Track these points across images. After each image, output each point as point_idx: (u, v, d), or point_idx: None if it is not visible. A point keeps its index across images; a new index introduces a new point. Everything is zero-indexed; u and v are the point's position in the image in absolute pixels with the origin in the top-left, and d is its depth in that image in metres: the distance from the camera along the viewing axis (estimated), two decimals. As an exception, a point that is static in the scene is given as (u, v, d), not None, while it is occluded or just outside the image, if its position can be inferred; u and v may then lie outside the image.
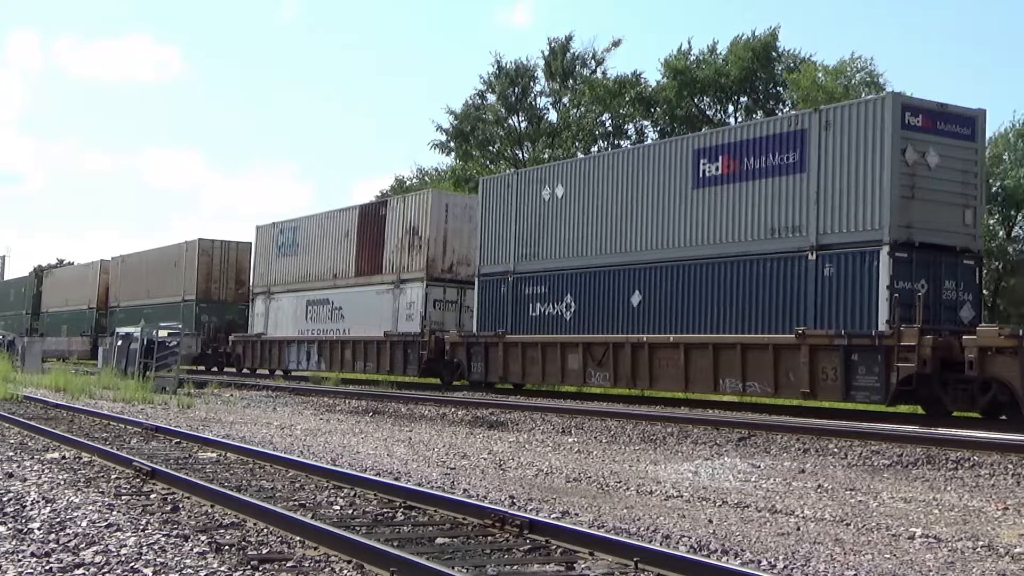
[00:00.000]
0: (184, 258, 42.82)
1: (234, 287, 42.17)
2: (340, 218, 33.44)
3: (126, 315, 46.09)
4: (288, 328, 35.17)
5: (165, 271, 44.36)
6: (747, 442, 13.98)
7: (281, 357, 35.11)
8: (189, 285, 41.95)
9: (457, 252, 29.02)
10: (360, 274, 31.47)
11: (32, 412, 18.20)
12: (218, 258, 42.20)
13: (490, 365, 25.47)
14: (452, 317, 28.59)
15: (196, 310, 41.20)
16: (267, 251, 37.62)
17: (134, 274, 48.00)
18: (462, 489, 9.34)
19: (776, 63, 46.58)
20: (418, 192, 32.29)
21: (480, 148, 53.14)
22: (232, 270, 42.36)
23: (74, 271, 57.88)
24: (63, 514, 7.45)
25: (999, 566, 6.56)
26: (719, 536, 7.31)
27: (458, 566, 5.92)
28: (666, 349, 20.76)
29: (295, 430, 16.01)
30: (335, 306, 32.38)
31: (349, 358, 31.16)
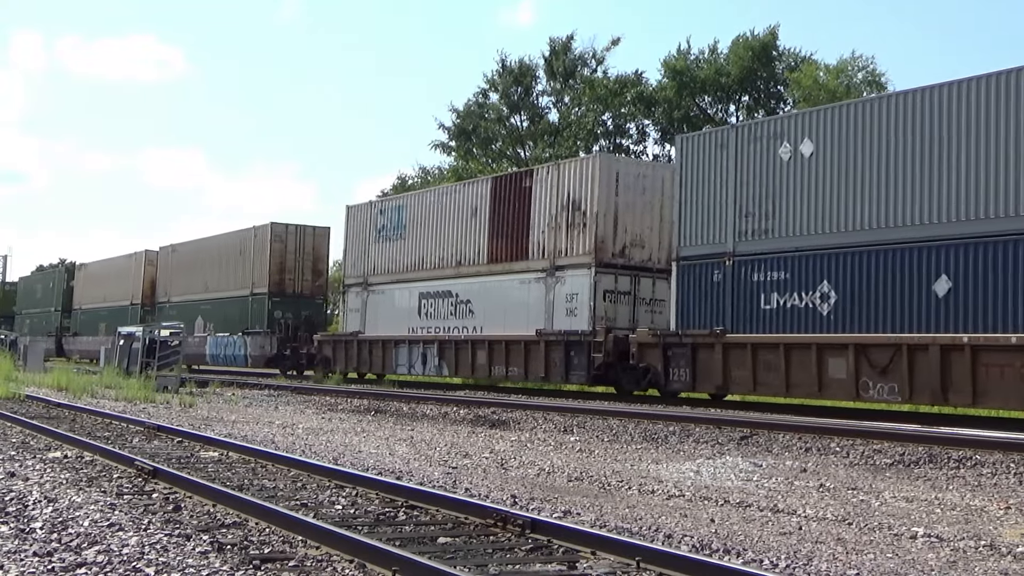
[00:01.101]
0: (253, 245, 37.68)
1: (311, 279, 37.43)
2: (464, 193, 28.09)
3: (178, 311, 41.90)
4: (394, 326, 29.84)
5: (228, 261, 39.38)
6: (749, 441, 13.98)
7: (386, 360, 29.82)
8: (259, 276, 36.92)
9: (630, 231, 23.75)
10: (495, 260, 26.35)
11: (34, 411, 18.22)
12: (293, 245, 37.14)
13: (701, 372, 20.10)
14: (624, 312, 23.47)
15: (268, 305, 36.23)
16: (362, 235, 32.04)
17: (188, 265, 42.94)
18: (464, 488, 9.34)
19: (776, 62, 46.58)
20: (580, 157, 26.68)
21: (482, 147, 53.15)
22: (309, 259, 37.36)
23: (113, 263, 52.05)
24: (65, 513, 7.46)
25: (1001, 565, 6.56)
26: (721, 535, 7.31)
27: (460, 566, 5.91)
28: (1001, 354, 15.63)
29: (297, 429, 16.01)
30: (461, 299, 27.35)
31: (483, 361, 26.00)
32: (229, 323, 38.41)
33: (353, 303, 32.08)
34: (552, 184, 24.81)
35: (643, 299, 23.78)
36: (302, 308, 36.62)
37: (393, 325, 29.89)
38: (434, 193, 29.87)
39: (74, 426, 15.42)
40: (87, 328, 52.77)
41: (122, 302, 48.67)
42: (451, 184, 29.45)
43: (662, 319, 22.94)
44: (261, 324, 36.01)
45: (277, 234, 36.98)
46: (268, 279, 36.49)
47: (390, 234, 30.83)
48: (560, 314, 24.04)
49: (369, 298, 31.33)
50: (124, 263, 49.90)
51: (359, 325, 31.46)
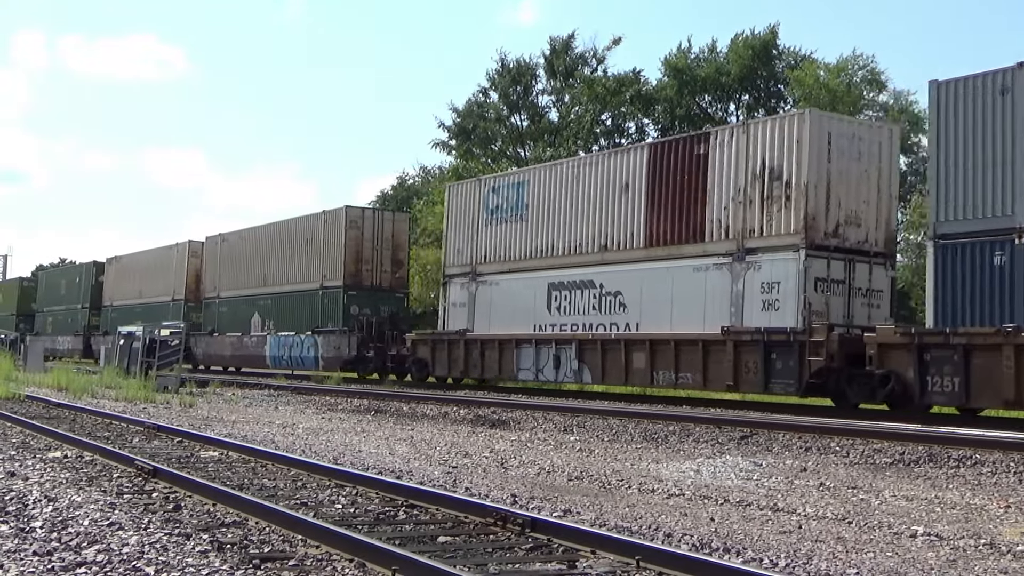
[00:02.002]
0: (324, 233, 33.59)
1: (391, 270, 33.31)
2: (610, 164, 23.57)
3: (230, 308, 38.88)
4: (513, 323, 25.40)
5: (292, 251, 35.44)
6: (749, 440, 13.98)
7: (503, 363, 25.44)
8: (332, 267, 32.88)
9: (844, 206, 19.54)
10: (656, 243, 22.03)
11: (34, 411, 18.21)
12: (370, 232, 32.93)
13: (978, 382, 15.64)
14: (837, 304, 19.23)
15: (344, 300, 32.20)
16: (469, 218, 27.75)
17: (241, 256, 39.00)
18: (464, 488, 9.34)
19: (777, 61, 46.59)
20: (781, 115, 21.42)
21: (481, 146, 53.17)
22: (388, 247, 33.21)
23: (150, 256, 47.72)
24: (65, 513, 7.46)
25: (1001, 564, 6.56)
26: (721, 534, 7.31)
27: (460, 565, 5.91)
28: None
29: (297, 429, 16.01)
30: (607, 291, 22.99)
31: (642, 366, 21.61)
32: (294, 321, 34.54)
33: (457, 296, 27.60)
34: (739, 149, 20.42)
35: (859, 289, 19.56)
36: (380, 303, 32.66)
37: (512, 322, 25.42)
38: (567, 166, 25.18)
39: (74, 426, 15.42)
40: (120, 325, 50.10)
41: (161, 298, 44.79)
42: (593, 155, 25.32)
43: (879, 314, 19.59)
44: (335, 321, 32.17)
45: (353, 219, 32.76)
46: (343, 270, 32.32)
47: (506, 215, 26.32)
48: (753, 308, 19.68)
49: (479, 290, 26.89)
50: (163, 255, 45.98)
51: (465, 322, 26.95)
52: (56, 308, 57.07)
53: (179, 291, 43.32)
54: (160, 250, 46.65)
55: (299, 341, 33.81)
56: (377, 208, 34.46)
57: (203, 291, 41.76)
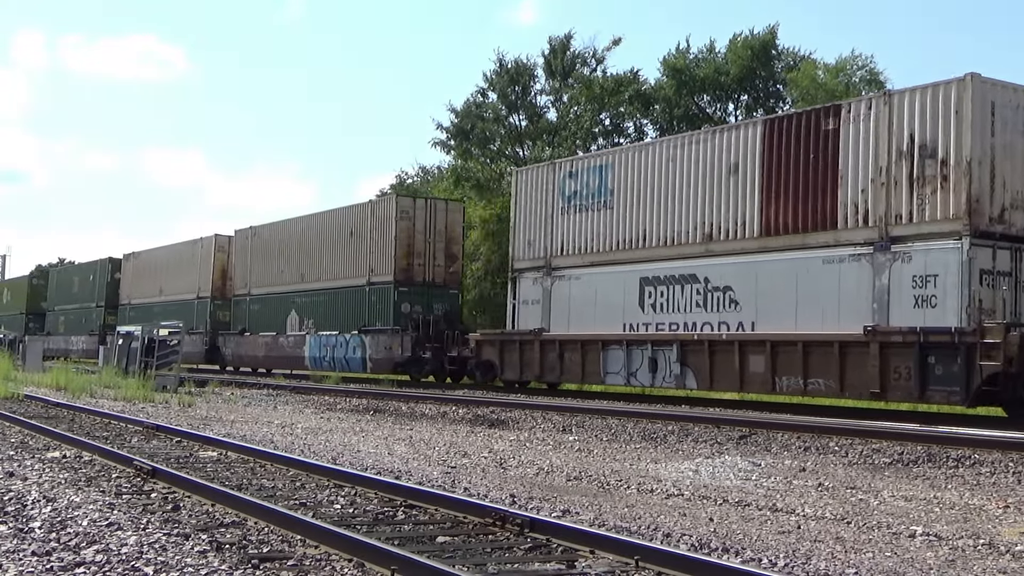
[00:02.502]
0: (371, 224, 31.03)
1: (444, 264, 30.58)
2: (715, 144, 20.86)
3: (263, 306, 36.58)
4: (598, 321, 22.96)
5: (335, 245, 32.85)
6: (748, 440, 13.98)
7: (587, 366, 23.04)
8: (381, 262, 30.38)
9: (1009, 187, 17.10)
10: (773, 231, 19.50)
11: (33, 411, 18.21)
12: (422, 223, 30.22)
13: None
14: (1004, 299, 16.86)
15: (394, 297, 29.67)
16: (541, 206, 25.13)
17: (275, 251, 36.51)
18: (463, 488, 9.34)
19: (776, 61, 46.59)
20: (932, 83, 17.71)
21: (480, 146, 53.15)
22: (441, 240, 30.55)
23: (171, 252, 44.92)
24: (64, 513, 7.45)
25: (1000, 564, 6.56)
26: (720, 534, 7.31)
27: (459, 565, 5.91)
28: None
29: (296, 429, 16.01)
30: (714, 286, 20.52)
31: (761, 370, 19.13)
32: (337, 319, 32.09)
33: (528, 293, 25.15)
34: (878, 123, 18.03)
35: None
36: (433, 300, 30.12)
37: (596, 320, 22.98)
38: (660, 147, 22.51)
39: (73, 426, 15.42)
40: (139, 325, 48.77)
41: (185, 295, 42.24)
42: (691, 133, 22.84)
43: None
44: (384, 320, 29.73)
45: (403, 209, 30.05)
46: (393, 265, 29.74)
47: (586, 202, 23.68)
48: (902, 305, 17.32)
49: (555, 286, 24.34)
50: (186, 251, 43.34)
51: (539, 320, 24.48)
52: (68, 307, 54.62)
53: (204, 288, 40.84)
54: (183, 245, 44.18)
55: (343, 341, 31.43)
56: (430, 197, 31.93)
57: (232, 288, 39.44)
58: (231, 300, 39.19)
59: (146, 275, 46.49)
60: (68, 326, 53.68)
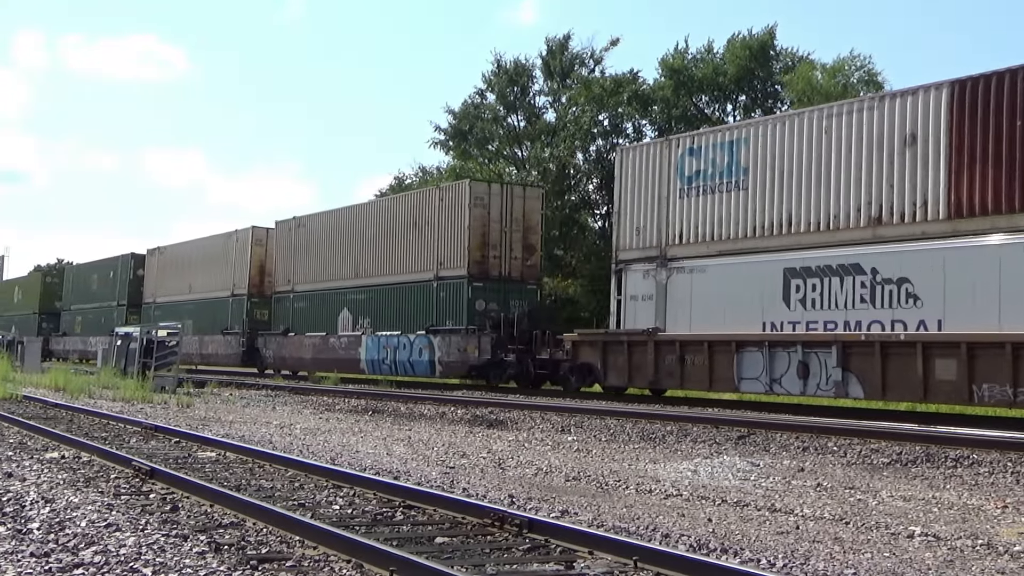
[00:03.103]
0: (440, 213, 28.15)
1: (521, 256, 27.58)
2: (883, 112, 18.06)
3: (311, 303, 33.81)
4: (729, 319, 19.95)
5: (395, 236, 30.02)
6: (746, 440, 13.99)
7: (716, 371, 19.97)
8: (452, 254, 27.53)
9: None
10: (965, 212, 16.65)
11: (31, 412, 18.20)
12: (498, 211, 27.22)
13: None
14: None
15: (468, 293, 26.75)
16: (652, 188, 22.03)
17: (323, 244, 33.58)
18: (461, 488, 9.34)
19: (774, 62, 46.60)
20: None
21: (479, 147, 53.16)
22: (519, 230, 27.57)
23: (202, 246, 41.88)
24: (62, 514, 7.45)
25: (998, 564, 6.57)
26: (718, 535, 7.31)
27: (457, 565, 5.91)
28: None
29: (294, 429, 16.01)
30: (884, 277, 17.63)
31: (950, 376, 16.32)
32: (399, 318, 29.46)
33: (638, 287, 22.04)
34: None
35: None
36: (511, 296, 27.10)
37: (726, 318, 20.03)
38: (808, 118, 19.61)
39: (71, 427, 15.41)
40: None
41: (218, 293, 39.40)
42: (851, 101, 19.89)
43: None
44: (456, 319, 27.12)
45: (477, 196, 27.14)
46: (467, 258, 26.95)
47: (712, 183, 20.79)
48: None
49: (672, 279, 21.32)
50: (219, 245, 40.30)
51: (653, 318, 21.52)
52: (86, 306, 51.33)
53: (240, 285, 37.88)
54: (215, 238, 41.01)
55: (406, 343, 28.63)
56: (505, 182, 28.45)
57: (272, 284, 36.47)
58: (271, 298, 36.35)
59: (173, 271, 43.64)
60: (86, 326, 50.88)
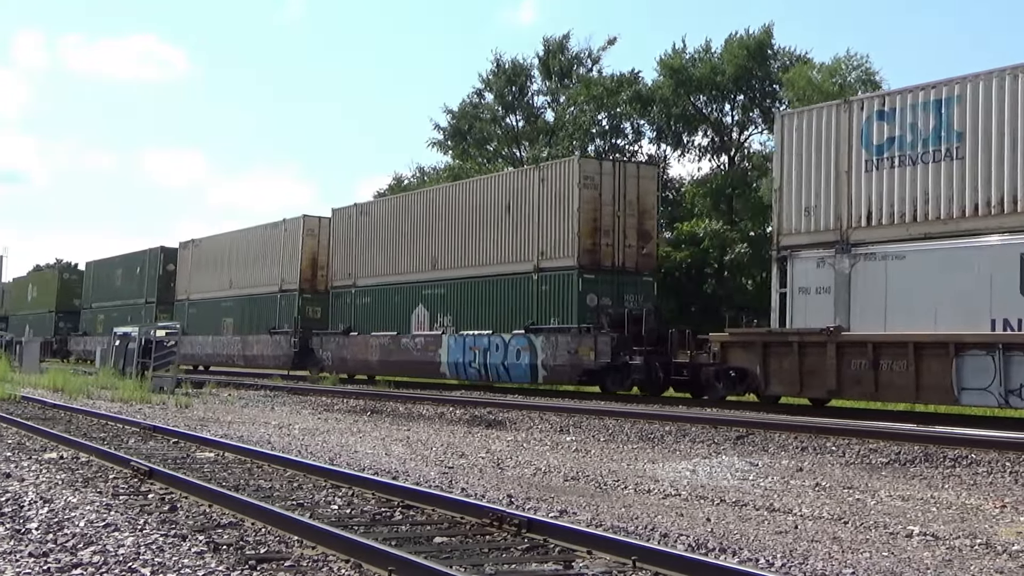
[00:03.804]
0: (539, 194, 24.68)
1: (636, 244, 24.14)
2: None
3: (375, 300, 30.36)
4: (939, 317, 16.75)
5: (483, 222, 26.49)
6: (745, 440, 13.99)
7: (923, 379, 16.61)
8: (557, 243, 24.07)
9: None
10: None
11: (30, 412, 18.19)
12: (610, 192, 23.69)
13: None
14: None
15: (579, 286, 23.26)
16: (829, 158, 18.76)
17: (391, 234, 30.16)
18: (460, 488, 9.33)
19: (772, 61, 46.62)
20: None
21: (477, 147, 53.17)
22: (633, 214, 24.03)
23: (245, 237, 38.26)
24: (61, 514, 7.45)
25: (997, 564, 6.57)
26: (717, 535, 7.31)
27: (456, 565, 5.91)
28: None
29: (293, 429, 16.00)
30: None
31: None
32: (488, 316, 26.02)
33: (809, 277, 18.85)
34: None
35: None
36: (624, 289, 23.72)
37: (937, 316, 16.79)
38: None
39: (70, 427, 15.40)
40: (200, 326, 39.74)
41: (263, 289, 35.93)
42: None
43: None
44: (563, 316, 23.62)
45: (587, 175, 23.54)
46: (576, 246, 23.42)
47: (912, 151, 17.47)
48: None
49: (857, 267, 18.08)
50: (264, 236, 36.93)
51: (831, 315, 18.25)
52: (109, 304, 47.70)
53: (290, 279, 34.54)
54: (259, 229, 37.78)
55: (500, 344, 25.12)
56: (618, 159, 24.82)
57: (328, 278, 33.26)
58: (328, 293, 32.88)
59: (209, 266, 40.20)
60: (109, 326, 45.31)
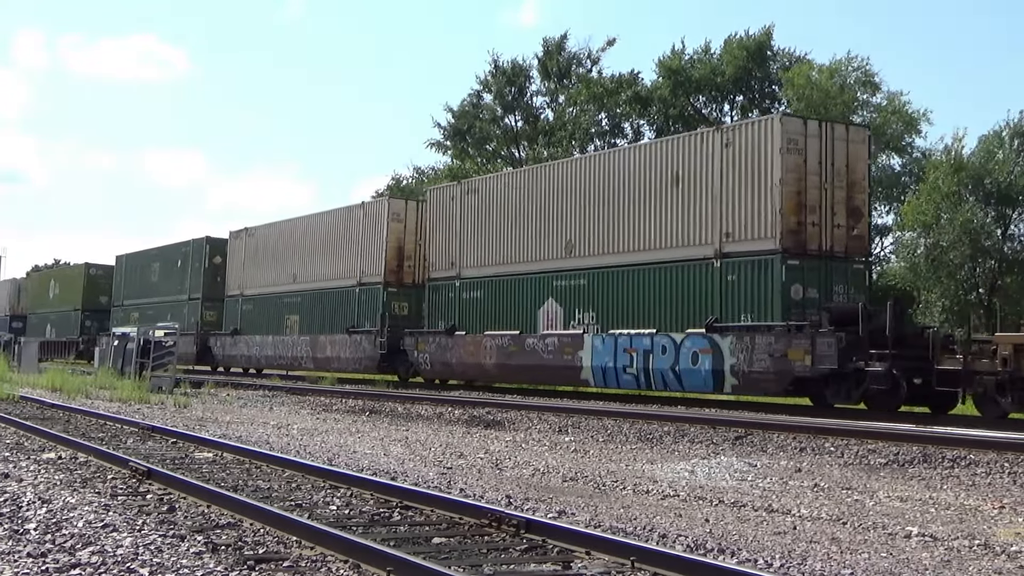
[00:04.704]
0: (725, 162, 20.26)
1: (845, 223, 19.82)
2: None
3: (488, 294, 26.11)
4: None
5: (631, 198, 22.22)
6: (744, 441, 13.99)
7: None
8: (749, 222, 19.76)
9: None
10: None
11: (28, 412, 18.17)
12: (815, 160, 19.44)
13: None
14: None
15: (782, 275, 19.00)
16: None
17: (506, 214, 25.97)
18: (459, 489, 9.33)
19: (771, 62, 46.66)
20: None
21: (477, 147, 53.20)
22: (842, 186, 19.77)
23: (312, 224, 34.44)
24: (59, 514, 7.44)
25: (995, 564, 6.57)
26: (716, 535, 7.31)
27: (455, 566, 5.91)
28: None
29: (292, 430, 15.99)
30: None
31: None
32: (644, 312, 21.74)
33: None
34: None
35: None
36: (834, 279, 19.62)
37: None
38: None
39: (68, 427, 15.39)
40: (261, 323, 35.97)
41: (337, 282, 31.92)
42: None
43: None
44: (760, 311, 19.40)
45: (792, 137, 19.32)
46: (779, 226, 19.10)
47: None
48: None
49: None
50: (337, 223, 32.85)
51: None
52: (144, 301, 43.93)
53: (371, 271, 30.48)
54: (330, 215, 33.76)
55: (668, 345, 20.82)
56: (824, 119, 20.77)
57: (422, 269, 29.47)
58: (422, 287, 29.05)
59: (267, 257, 36.43)
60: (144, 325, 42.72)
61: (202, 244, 40.62)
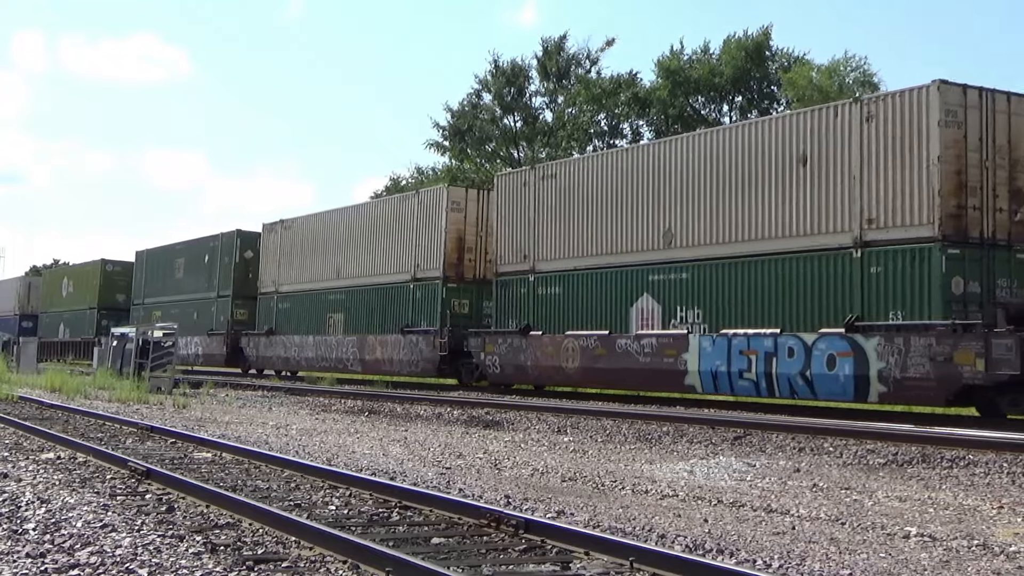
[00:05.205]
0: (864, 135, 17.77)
1: (1008, 207, 17.46)
2: None
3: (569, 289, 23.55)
4: None
5: (753, 182, 19.48)
6: (742, 441, 14.00)
7: None
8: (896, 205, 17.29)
9: None
10: None
11: (27, 412, 18.17)
12: (976, 135, 17.08)
13: None
14: None
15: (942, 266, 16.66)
16: None
17: (592, 200, 23.26)
18: (458, 489, 9.33)
19: (770, 62, 46.72)
20: None
21: (476, 147, 53.23)
22: (1004, 165, 17.32)
23: (357, 215, 31.96)
24: (58, 515, 7.44)
25: (994, 565, 6.57)
26: (714, 535, 7.31)
27: (454, 566, 5.91)
28: None
29: (291, 430, 15.99)
30: None
31: None
32: (762, 309, 19.16)
33: None
34: None
35: None
36: (997, 270, 17.21)
37: None
38: None
39: (67, 427, 15.39)
40: (300, 323, 33.40)
41: (389, 277, 29.36)
42: None
43: None
44: (912, 308, 16.86)
45: (951, 109, 16.89)
46: (937, 210, 16.73)
47: None
48: None
49: None
50: (387, 214, 30.17)
51: None
52: (167, 299, 41.78)
53: (428, 266, 27.86)
54: (379, 205, 31.79)
55: (797, 347, 18.30)
56: (985, 88, 17.48)
57: (487, 263, 27.19)
58: (489, 282, 26.48)
59: (306, 252, 33.88)
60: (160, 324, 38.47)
61: (232, 238, 37.78)
